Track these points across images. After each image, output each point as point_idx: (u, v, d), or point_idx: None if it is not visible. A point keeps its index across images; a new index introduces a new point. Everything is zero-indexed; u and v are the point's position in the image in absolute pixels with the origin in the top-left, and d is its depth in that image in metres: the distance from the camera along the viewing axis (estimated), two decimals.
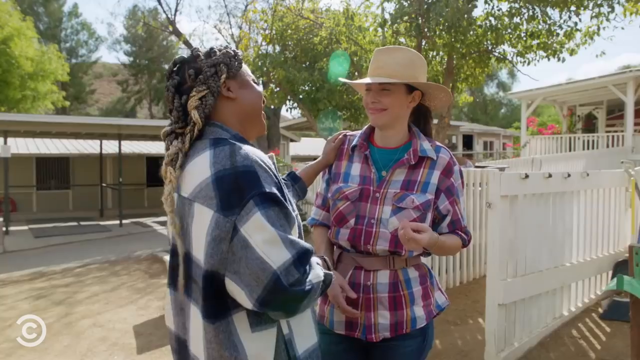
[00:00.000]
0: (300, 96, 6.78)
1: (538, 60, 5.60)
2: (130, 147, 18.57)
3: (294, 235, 1.15)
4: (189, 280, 1.20)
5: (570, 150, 13.03)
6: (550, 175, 3.56)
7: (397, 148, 1.73)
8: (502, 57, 5.78)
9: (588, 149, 12.85)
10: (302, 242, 1.15)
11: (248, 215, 1.08)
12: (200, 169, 1.15)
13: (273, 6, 6.79)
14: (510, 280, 3.30)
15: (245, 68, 1.36)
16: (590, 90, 13.40)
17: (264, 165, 1.14)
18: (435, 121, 6.47)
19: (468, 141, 23.10)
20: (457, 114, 40.30)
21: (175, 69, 1.30)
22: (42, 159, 17.05)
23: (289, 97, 6.91)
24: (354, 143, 1.77)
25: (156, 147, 18.74)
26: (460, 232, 1.75)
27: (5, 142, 13.42)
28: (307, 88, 6.56)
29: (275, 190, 1.12)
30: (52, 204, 16.88)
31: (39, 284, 7.53)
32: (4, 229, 12.73)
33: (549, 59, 5.36)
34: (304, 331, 1.27)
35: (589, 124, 16.12)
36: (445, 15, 4.46)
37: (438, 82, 6.29)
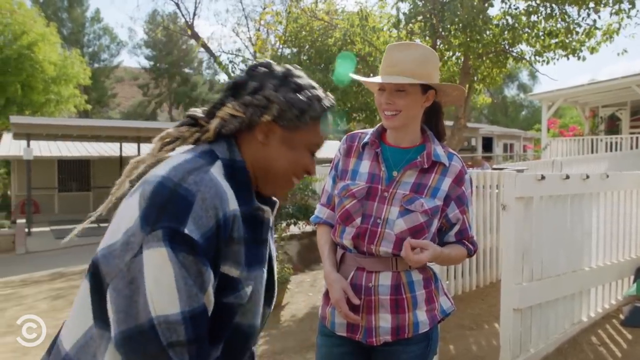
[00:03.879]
0: None
1: (557, 59, 5.49)
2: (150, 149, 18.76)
3: (207, 300, 0.95)
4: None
5: (592, 153, 12.74)
6: (567, 177, 3.46)
7: (410, 148, 1.68)
8: (519, 56, 5.67)
9: (611, 150, 12.55)
10: (200, 303, 0.93)
11: (153, 243, 0.90)
12: (165, 165, 1.01)
13: (288, 7, 6.79)
14: (526, 284, 3.21)
15: (316, 133, 1.12)
16: (614, 91, 13.09)
17: (209, 205, 0.94)
18: (450, 123, 6.38)
19: (488, 143, 22.81)
20: (477, 116, 39.86)
21: (259, 70, 1.11)
22: (64, 162, 17.37)
23: None
24: (365, 140, 1.73)
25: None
26: (466, 242, 1.71)
27: (28, 145, 13.69)
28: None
29: (197, 237, 0.91)
30: (73, 206, 17.16)
31: (58, 284, 7.65)
32: (26, 230, 12.98)
33: (568, 58, 5.24)
34: None
35: (612, 126, 15.75)
36: (460, 15, 4.39)
37: (454, 83, 6.22)
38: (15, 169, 16.99)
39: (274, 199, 1.21)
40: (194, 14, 25.88)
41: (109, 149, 18.27)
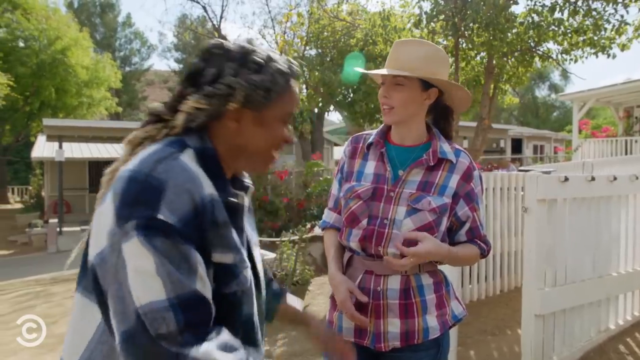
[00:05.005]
0: (337, 99, 6.73)
1: (586, 58, 5.32)
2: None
3: (200, 284, 0.91)
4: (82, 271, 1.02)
5: (627, 154, 12.32)
6: (593, 179, 3.34)
7: (415, 147, 1.64)
8: (546, 55, 5.52)
9: None
10: (190, 288, 0.88)
11: (128, 235, 0.87)
12: (134, 158, 0.98)
13: (310, 9, 6.78)
14: (549, 289, 3.11)
15: (285, 104, 1.08)
16: None
17: (181, 190, 0.91)
18: (474, 124, 6.26)
19: (517, 145, 22.35)
20: (507, 117, 39.12)
21: (213, 54, 1.05)
22: (95, 163, 17.75)
23: (325, 100, 6.87)
24: (369, 141, 1.69)
25: None
26: (478, 241, 1.65)
27: (60, 147, 14.06)
28: (343, 90, 6.50)
29: (174, 221, 0.88)
30: None
31: None
32: (58, 229, 13.32)
33: (597, 56, 5.06)
34: None
35: None
36: (482, 13, 4.29)
37: (479, 83, 6.10)
38: (48, 170, 17.46)
39: (248, 183, 1.18)
40: (221, 17, 26.23)
41: None
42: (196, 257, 0.91)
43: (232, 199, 1.05)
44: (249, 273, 1.05)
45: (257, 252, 1.20)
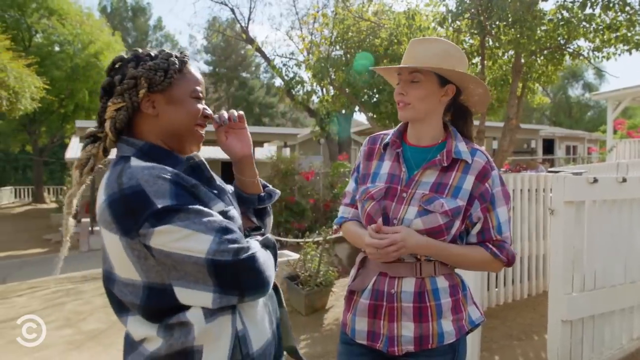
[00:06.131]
0: (362, 99, 6.69)
1: (619, 55, 5.13)
2: (207, 152, 19.33)
3: (221, 218, 1.15)
4: (114, 300, 1.21)
5: None
6: (624, 180, 3.22)
7: (431, 147, 1.60)
8: (576, 53, 5.35)
9: None
10: (217, 219, 1.12)
11: (148, 234, 1.06)
12: (100, 191, 1.14)
13: (335, 9, 6.77)
14: (576, 294, 3.01)
15: (188, 80, 1.25)
16: None
17: (152, 180, 1.09)
18: (501, 124, 6.13)
19: (549, 145, 21.79)
20: (539, 117, 38.25)
21: (115, 67, 1.24)
22: None
23: (350, 101, 6.84)
24: (386, 141, 1.67)
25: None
26: (489, 245, 1.56)
27: None
28: (368, 91, 6.46)
29: (169, 202, 1.07)
30: None
31: None
32: (90, 229, 13.66)
33: (630, 53, 4.88)
34: (258, 327, 1.22)
35: None
36: (509, 10, 4.19)
37: (506, 83, 5.97)
38: None
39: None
40: (249, 19, 26.35)
41: None
42: (203, 209, 1.12)
43: (190, 162, 1.25)
44: (235, 212, 1.26)
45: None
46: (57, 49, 21.22)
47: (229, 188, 1.39)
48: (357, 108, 7.14)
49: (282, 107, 34.82)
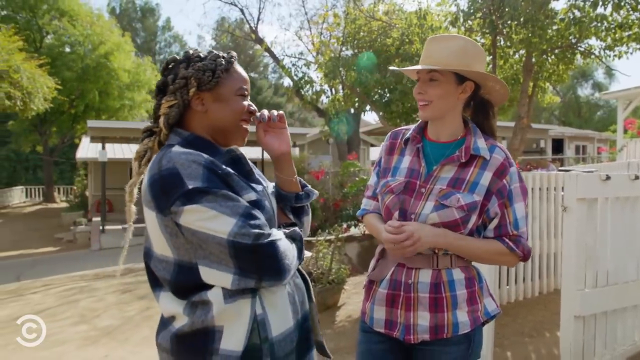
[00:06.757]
0: (373, 99, 6.73)
1: (631, 53, 5.13)
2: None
3: (247, 204, 1.22)
4: (151, 275, 1.31)
5: None
6: (637, 177, 3.24)
7: (450, 143, 1.64)
8: (588, 51, 5.36)
9: None
10: (243, 204, 1.20)
11: (179, 211, 1.16)
12: (145, 173, 1.27)
13: (346, 9, 6.81)
14: (589, 290, 3.03)
15: (234, 79, 1.35)
16: None
17: (187, 163, 1.18)
18: (512, 123, 6.14)
19: (558, 145, 21.68)
20: (548, 117, 38.05)
21: (168, 67, 1.35)
22: None
23: (361, 100, 6.88)
24: (407, 136, 1.71)
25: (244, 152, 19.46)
26: (506, 240, 1.59)
27: (103, 148, 14.53)
28: (379, 90, 6.49)
29: (200, 184, 1.16)
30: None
31: (127, 279, 8.05)
32: (101, 228, 13.78)
33: None
34: (279, 313, 1.27)
35: None
36: (520, 10, 4.21)
37: (517, 82, 5.98)
38: (91, 170, 18.07)
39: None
40: (258, 19, 26.49)
41: None
42: (232, 195, 1.20)
43: (230, 154, 1.35)
44: (271, 203, 1.35)
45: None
46: (67, 49, 21.43)
47: (270, 184, 1.47)
48: (368, 107, 7.17)
49: (290, 107, 34.84)
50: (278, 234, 1.24)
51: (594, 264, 3.07)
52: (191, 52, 1.35)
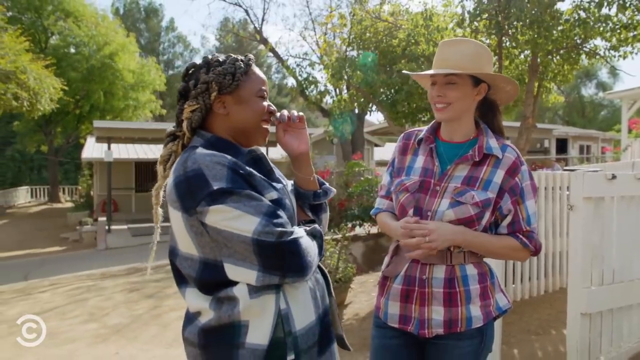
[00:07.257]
0: (379, 99, 6.77)
1: (636, 54, 5.16)
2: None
3: (270, 203, 1.26)
4: (176, 272, 1.36)
5: None
6: None
7: (463, 143, 1.70)
8: (592, 52, 5.40)
9: None
10: (266, 203, 1.24)
11: (204, 211, 1.20)
12: (170, 174, 1.31)
13: (352, 10, 6.86)
14: (595, 288, 3.07)
15: (253, 81, 1.39)
16: None
17: (211, 165, 1.22)
18: (518, 123, 6.17)
19: (562, 145, 21.68)
20: (551, 116, 38.00)
21: (189, 73, 1.40)
22: (141, 163, 18.33)
23: (367, 100, 6.92)
24: (420, 136, 1.76)
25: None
26: (519, 235, 1.65)
27: (109, 148, 14.60)
28: (385, 90, 6.53)
29: (224, 185, 1.20)
30: (149, 205, 17.65)
31: (133, 278, 8.12)
32: (106, 227, 13.86)
33: None
34: (301, 308, 1.31)
35: None
36: (526, 11, 4.25)
37: (523, 82, 6.01)
38: (97, 171, 18.14)
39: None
40: (262, 20, 26.60)
41: None
42: (255, 195, 1.24)
43: (251, 154, 1.39)
44: (291, 201, 1.40)
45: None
46: (72, 50, 21.52)
47: (289, 182, 1.52)
48: (373, 107, 7.21)
49: (294, 107, 34.90)
50: (300, 232, 1.28)
51: (600, 262, 3.11)
52: (210, 57, 1.39)
